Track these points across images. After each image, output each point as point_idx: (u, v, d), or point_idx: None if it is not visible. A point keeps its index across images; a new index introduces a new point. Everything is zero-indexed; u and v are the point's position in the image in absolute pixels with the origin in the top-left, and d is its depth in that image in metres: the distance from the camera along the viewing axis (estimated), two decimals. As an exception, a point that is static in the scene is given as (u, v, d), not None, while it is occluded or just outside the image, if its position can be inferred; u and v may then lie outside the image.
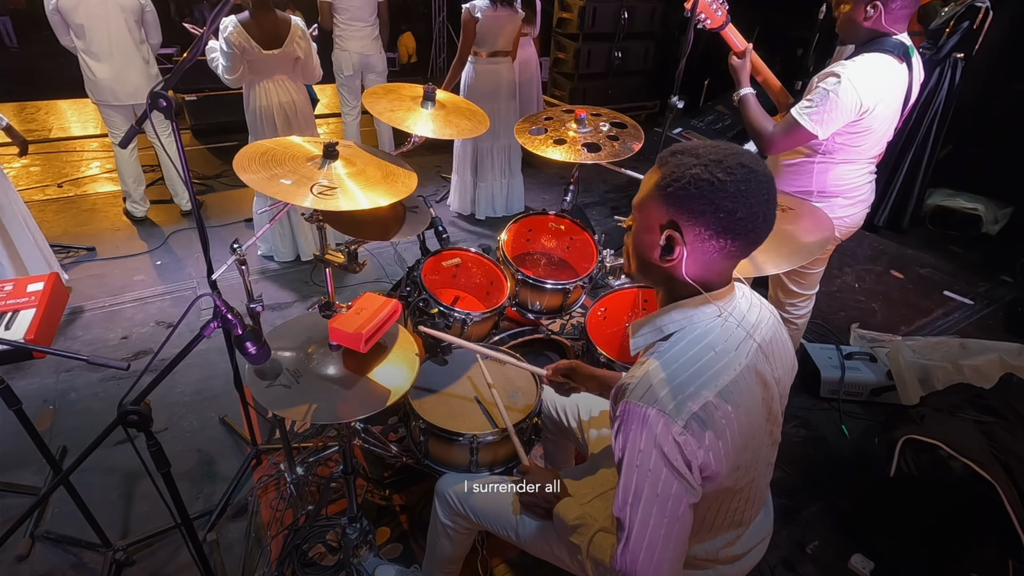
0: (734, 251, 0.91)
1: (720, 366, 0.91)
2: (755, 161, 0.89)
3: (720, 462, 0.89)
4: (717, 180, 0.85)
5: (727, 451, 0.89)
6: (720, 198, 0.86)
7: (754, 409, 0.94)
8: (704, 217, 0.87)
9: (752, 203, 0.86)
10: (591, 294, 2.12)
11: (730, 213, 0.86)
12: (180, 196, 3.81)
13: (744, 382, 0.92)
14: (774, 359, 1.00)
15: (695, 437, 0.86)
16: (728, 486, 0.96)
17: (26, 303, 1.49)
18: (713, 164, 0.86)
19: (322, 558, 1.74)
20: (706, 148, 0.90)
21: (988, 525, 1.63)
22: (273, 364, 1.27)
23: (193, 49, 1.31)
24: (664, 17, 5.88)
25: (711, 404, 0.88)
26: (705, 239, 0.89)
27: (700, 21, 1.94)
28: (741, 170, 0.86)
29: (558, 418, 1.59)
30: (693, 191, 0.87)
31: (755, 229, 0.89)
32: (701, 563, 1.08)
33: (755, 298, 1.05)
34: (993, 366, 2.33)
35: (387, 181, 1.51)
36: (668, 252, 0.91)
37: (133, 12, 3.15)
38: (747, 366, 0.93)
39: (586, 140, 1.98)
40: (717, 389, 0.89)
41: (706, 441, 0.87)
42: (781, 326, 1.05)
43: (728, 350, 0.93)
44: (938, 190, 4.21)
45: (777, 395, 1.01)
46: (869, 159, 1.90)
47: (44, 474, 2.02)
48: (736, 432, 0.90)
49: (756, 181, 0.87)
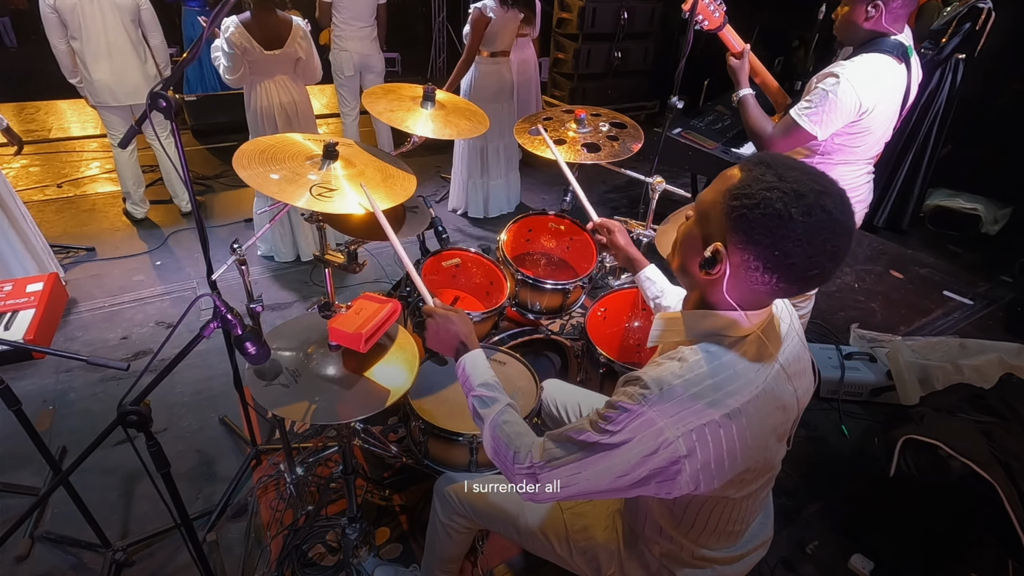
0: (779, 290, 0.84)
1: (734, 387, 0.86)
2: (841, 207, 0.79)
3: (709, 479, 0.86)
4: (788, 216, 0.77)
5: (721, 469, 0.86)
6: (782, 236, 0.78)
7: (763, 432, 0.90)
8: (758, 248, 0.80)
9: (815, 252, 0.78)
10: (591, 294, 2.12)
11: (786, 255, 0.78)
12: (180, 196, 3.81)
13: (757, 405, 0.87)
14: (796, 380, 0.96)
15: (686, 450, 0.83)
16: (728, 495, 0.94)
17: (25, 303, 1.49)
18: (792, 196, 0.77)
19: (322, 558, 1.74)
20: (796, 172, 0.80)
21: (988, 525, 1.63)
22: (273, 364, 1.27)
23: (194, 49, 1.31)
24: (664, 17, 5.88)
25: (715, 423, 0.83)
26: (751, 269, 0.82)
27: (698, 22, 1.94)
28: (820, 214, 0.77)
29: (558, 416, 1.59)
30: (759, 215, 0.78)
31: (809, 279, 0.82)
32: (699, 563, 1.08)
33: (786, 313, 1.00)
34: (993, 366, 2.33)
35: (386, 184, 1.52)
36: (710, 265, 0.85)
37: (130, 11, 3.15)
38: (764, 390, 0.88)
39: (586, 140, 1.98)
40: (727, 410, 0.84)
41: (698, 457, 0.84)
42: (804, 344, 1.01)
43: (747, 372, 0.88)
44: (938, 190, 4.21)
45: (795, 415, 0.98)
46: (867, 160, 1.90)
47: (44, 474, 2.02)
48: (738, 453, 0.86)
49: (831, 231, 0.78)
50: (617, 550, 1.18)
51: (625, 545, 1.17)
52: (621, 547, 1.17)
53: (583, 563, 1.24)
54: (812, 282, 0.83)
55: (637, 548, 1.14)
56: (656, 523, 1.07)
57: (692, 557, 1.07)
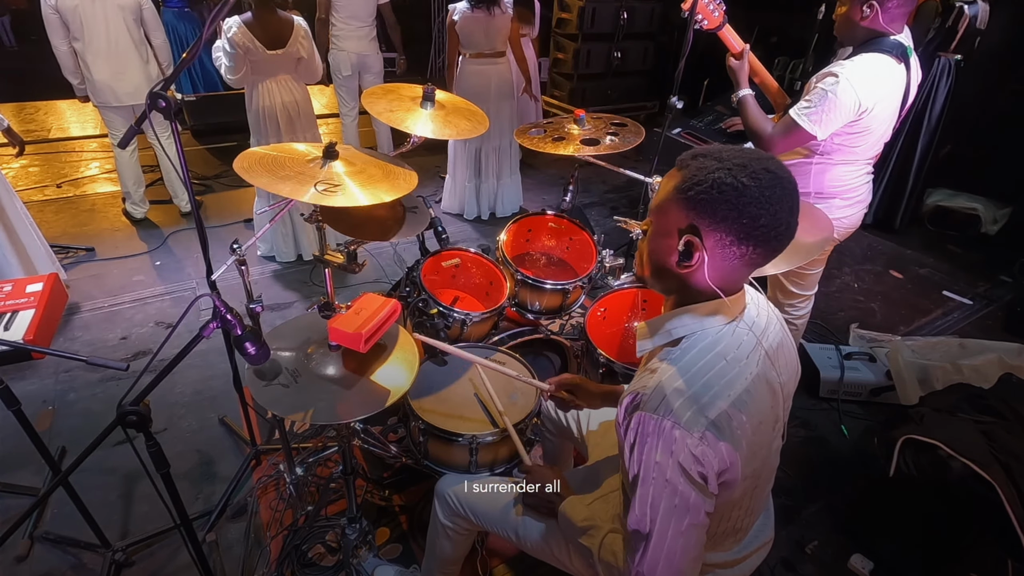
0: (755, 258, 0.89)
1: (732, 375, 0.89)
2: (780, 167, 0.87)
3: (736, 471, 0.88)
4: (742, 185, 0.83)
5: (742, 460, 0.88)
6: (744, 203, 0.83)
7: (765, 418, 0.93)
8: (727, 223, 0.85)
9: (776, 209, 0.84)
10: (590, 294, 2.12)
11: (754, 219, 0.84)
12: (179, 197, 3.81)
13: (756, 391, 0.91)
14: (779, 365, 0.98)
15: (711, 447, 0.85)
16: (735, 497, 0.95)
17: (25, 304, 1.49)
18: (737, 168, 0.84)
19: (322, 558, 1.74)
20: (729, 152, 0.87)
21: (988, 525, 1.63)
22: (273, 364, 1.27)
23: (193, 49, 1.31)
24: (663, 17, 5.88)
25: (726, 414, 0.86)
26: (726, 245, 0.87)
27: (698, 22, 1.94)
28: (767, 176, 0.84)
29: (557, 418, 1.59)
30: (716, 195, 0.84)
31: (778, 236, 0.87)
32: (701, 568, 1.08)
33: (762, 301, 1.04)
34: (992, 366, 2.33)
35: (388, 179, 1.52)
36: (686, 258, 0.89)
37: (132, 11, 3.15)
38: (758, 374, 0.92)
39: (585, 137, 1.98)
40: (731, 399, 0.87)
41: (723, 451, 0.86)
42: (786, 331, 1.04)
43: (739, 358, 0.91)
44: (937, 190, 4.21)
45: (782, 402, 1.00)
46: (867, 160, 1.90)
47: (43, 475, 2.02)
48: (749, 441, 0.89)
49: (781, 187, 0.85)
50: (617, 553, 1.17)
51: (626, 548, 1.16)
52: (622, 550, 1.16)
53: (582, 566, 1.23)
54: (782, 239, 0.88)
55: None
56: None
57: None
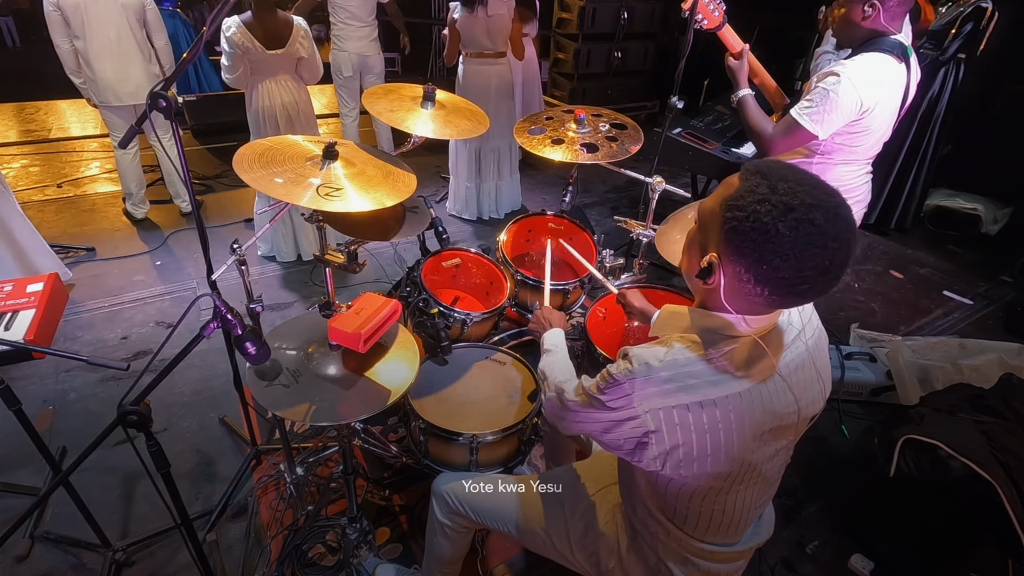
0: (774, 301, 0.84)
1: (714, 379, 0.88)
2: (832, 220, 0.77)
3: (676, 463, 0.91)
4: (775, 231, 0.76)
5: (689, 457, 0.90)
6: (768, 251, 0.77)
7: (741, 430, 0.89)
8: (747, 260, 0.80)
9: (804, 267, 0.77)
10: (590, 294, 2.12)
11: (775, 269, 0.78)
12: (180, 197, 3.82)
13: (739, 404, 0.88)
14: (799, 390, 0.94)
15: (653, 426, 0.89)
16: (713, 487, 0.96)
17: (26, 303, 1.49)
18: (782, 209, 0.76)
19: (322, 558, 1.74)
20: (789, 184, 0.78)
21: (988, 525, 1.63)
22: (273, 364, 1.27)
23: (194, 49, 1.31)
24: (664, 17, 5.89)
25: (683, 407, 0.88)
26: (743, 281, 0.82)
27: (698, 22, 1.94)
28: (809, 228, 0.75)
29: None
30: (747, 228, 0.78)
31: (801, 294, 0.81)
32: (697, 559, 1.08)
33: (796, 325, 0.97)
34: (992, 366, 2.34)
35: (388, 181, 1.52)
36: (706, 275, 0.86)
37: (135, 11, 3.15)
38: (750, 391, 0.89)
39: (585, 140, 1.98)
40: (700, 398, 0.88)
41: (664, 436, 0.89)
42: (812, 356, 0.98)
43: (731, 371, 0.89)
44: (938, 190, 4.21)
45: (794, 425, 0.96)
46: (867, 159, 1.90)
47: (44, 474, 2.02)
48: (708, 444, 0.89)
49: (821, 244, 0.76)
50: (616, 545, 1.18)
51: (625, 539, 1.17)
52: (621, 541, 1.17)
53: (583, 558, 1.24)
54: (805, 296, 0.83)
55: (636, 543, 1.14)
56: (649, 510, 1.07)
57: (690, 552, 1.07)
